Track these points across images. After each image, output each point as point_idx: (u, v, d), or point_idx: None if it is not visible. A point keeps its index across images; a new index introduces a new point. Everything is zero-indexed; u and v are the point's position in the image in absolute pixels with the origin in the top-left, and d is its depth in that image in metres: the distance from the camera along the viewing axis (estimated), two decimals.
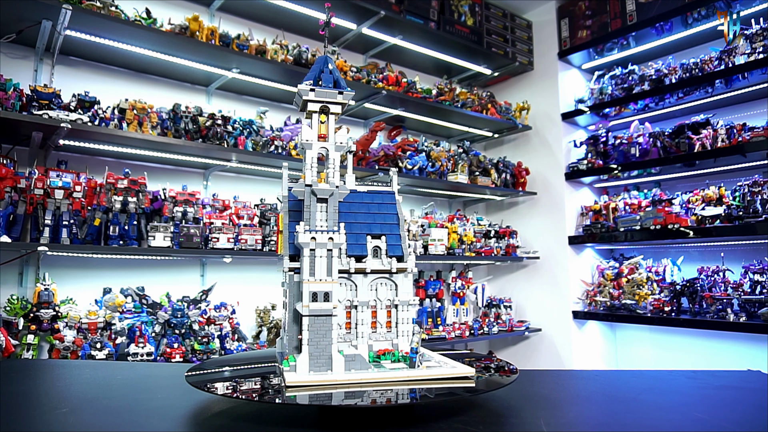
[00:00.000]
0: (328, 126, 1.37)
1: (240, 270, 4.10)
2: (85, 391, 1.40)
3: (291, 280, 1.33)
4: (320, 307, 1.23)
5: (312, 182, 1.32)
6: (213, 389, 1.13)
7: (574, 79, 5.59)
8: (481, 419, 1.07)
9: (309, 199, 1.32)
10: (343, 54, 4.58)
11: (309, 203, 1.32)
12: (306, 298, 1.23)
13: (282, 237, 1.41)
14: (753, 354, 4.15)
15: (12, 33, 3.16)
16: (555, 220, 5.31)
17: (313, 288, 1.24)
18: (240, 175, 4.24)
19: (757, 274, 3.94)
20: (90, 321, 3.08)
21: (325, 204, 1.33)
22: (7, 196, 2.87)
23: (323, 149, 1.36)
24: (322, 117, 1.37)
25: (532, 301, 5.44)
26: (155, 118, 3.42)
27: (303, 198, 1.33)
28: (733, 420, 1.13)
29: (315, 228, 1.30)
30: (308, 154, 1.33)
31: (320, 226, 1.31)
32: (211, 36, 3.61)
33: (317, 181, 1.33)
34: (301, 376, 1.16)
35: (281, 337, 1.41)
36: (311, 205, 1.32)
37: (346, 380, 1.17)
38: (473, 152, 5.29)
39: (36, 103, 2.97)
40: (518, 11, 5.69)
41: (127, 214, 3.24)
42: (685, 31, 4.66)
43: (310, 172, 1.32)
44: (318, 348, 1.21)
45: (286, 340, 1.33)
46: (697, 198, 4.37)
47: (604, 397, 1.35)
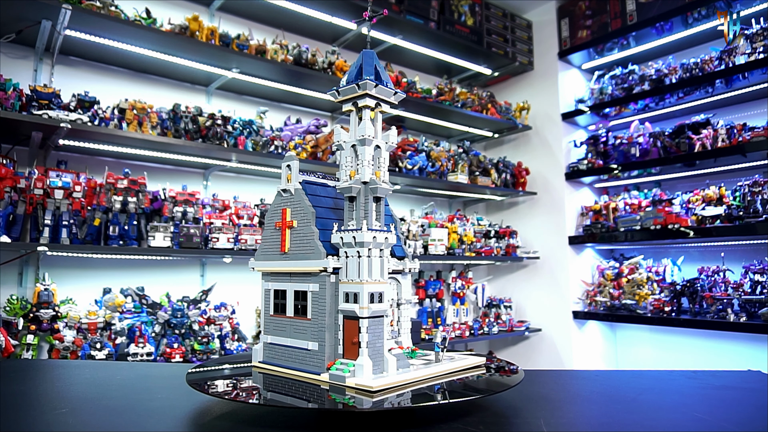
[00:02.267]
0: (376, 123, 1.35)
1: (240, 270, 4.10)
2: (85, 391, 1.39)
3: (328, 280, 1.26)
4: (378, 308, 1.22)
5: (371, 180, 1.28)
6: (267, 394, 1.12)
7: (574, 79, 5.59)
8: (481, 419, 1.07)
9: (365, 197, 1.28)
10: (343, 54, 4.58)
11: (365, 201, 1.28)
12: (365, 299, 1.20)
13: (292, 234, 1.33)
14: (753, 354, 4.15)
15: (12, 33, 3.15)
16: (555, 220, 5.31)
17: (371, 289, 1.21)
18: (240, 175, 4.24)
19: (758, 274, 3.94)
20: (90, 321, 3.08)
21: (379, 203, 1.32)
22: (7, 196, 2.87)
23: (353, 146, 1.33)
24: (372, 114, 1.34)
25: (532, 301, 5.44)
26: (155, 118, 3.42)
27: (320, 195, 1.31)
28: (733, 420, 1.13)
29: (373, 227, 1.26)
30: (367, 151, 1.29)
31: (376, 226, 1.28)
32: (211, 36, 3.61)
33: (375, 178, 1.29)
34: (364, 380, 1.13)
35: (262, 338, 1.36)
36: (368, 203, 1.28)
37: (415, 378, 1.19)
38: (473, 152, 5.29)
39: (36, 103, 2.97)
40: (518, 11, 5.69)
41: (127, 214, 3.24)
42: (686, 31, 4.66)
43: (369, 169, 1.28)
44: (374, 349, 1.20)
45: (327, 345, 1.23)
46: (697, 198, 4.37)
47: (604, 397, 1.35)
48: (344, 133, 1.36)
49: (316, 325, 1.25)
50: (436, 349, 1.35)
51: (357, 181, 1.29)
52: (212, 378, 1.29)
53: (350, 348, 1.21)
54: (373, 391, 1.08)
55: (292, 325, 1.31)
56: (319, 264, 1.25)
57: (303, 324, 1.28)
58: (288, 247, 1.33)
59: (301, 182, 1.35)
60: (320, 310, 1.25)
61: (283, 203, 1.38)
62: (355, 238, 1.23)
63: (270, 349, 1.36)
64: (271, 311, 1.38)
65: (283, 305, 1.35)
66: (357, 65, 1.36)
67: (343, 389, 1.12)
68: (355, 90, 1.32)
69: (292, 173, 1.37)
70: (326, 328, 1.23)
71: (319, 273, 1.25)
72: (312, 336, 1.25)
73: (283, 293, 1.35)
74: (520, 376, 1.23)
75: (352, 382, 1.13)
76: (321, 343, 1.23)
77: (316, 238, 1.27)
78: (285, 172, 1.38)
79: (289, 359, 1.30)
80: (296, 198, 1.34)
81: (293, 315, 1.32)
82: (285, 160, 1.38)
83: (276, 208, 1.39)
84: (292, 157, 1.37)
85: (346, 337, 1.23)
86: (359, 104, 1.33)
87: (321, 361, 1.22)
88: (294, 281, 1.33)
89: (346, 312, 1.23)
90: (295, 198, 1.35)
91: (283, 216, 1.36)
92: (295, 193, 1.35)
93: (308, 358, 1.25)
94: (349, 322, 1.22)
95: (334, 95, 1.36)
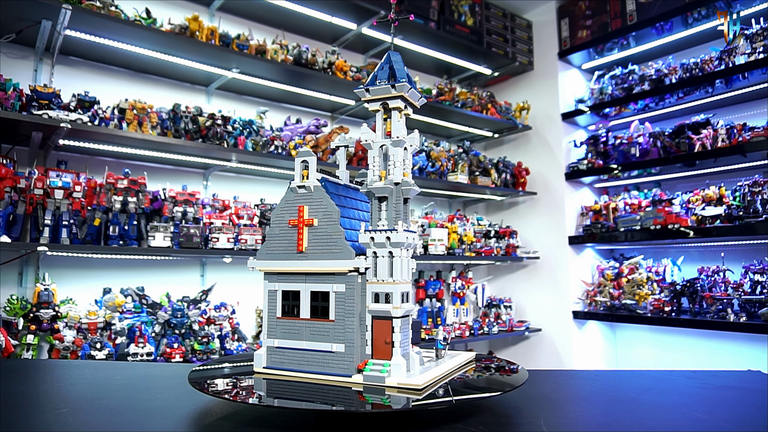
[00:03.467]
0: (391, 122, 1.34)
1: (240, 270, 4.09)
2: (85, 391, 1.39)
3: (356, 280, 1.24)
4: (408, 308, 1.23)
5: (403, 181, 1.29)
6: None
7: (574, 79, 5.59)
8: (481, 419, 1.07)
9: (397, 197, 1.28)
10: (343, 54, 4.58)
11: (397, 202, 1.28)
12: (397, 299, 1.20)
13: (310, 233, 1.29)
14: (753, 354, 4.15)
15: (12, 33, 3.15)
16: (555, 220, 5.31)
17: (402, 289, 1.22)
18: (240, 175, 4.24)
19: (758, 274, 3.94)
20: (90, 321, 3.08)
21: (407, 203, 1.33)
22: (7, 196, 2.86)
23: (383, 146, 1.32)
24: (399, 115, 1.33)
25: (532, 301, 5.44)
26: (155, 118, 3.42)
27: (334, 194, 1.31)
28: (733, 420, 1.13)
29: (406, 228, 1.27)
30: (399, 152, 1.28)
31: (405, 226, 1.28)
32: (211, 36, 3.61)
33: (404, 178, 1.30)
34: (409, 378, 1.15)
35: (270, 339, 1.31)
36: (398, 204, 1.29)
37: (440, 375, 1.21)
38: (473, 152, 5.29)
39: (36, 103, 2.97)
40: (518, 11, 5.69)
41: (127, 214, 3.23)
42: (685, 31, 4.66)
43: (400, 170, 1.28)
44: (404, 349, 1.21)
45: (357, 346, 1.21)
46: (697, 198, 4.37)
47: (604, 397, 1.35)
48: (372, 133, 1.34)
49: (342, 326, 1.22)
50: (439, 346, 1.36)
51: (390, 181, 1.29)
52: (213, 380, 1.28)
53: (381, 348, 1.21)
54: (419, 389, 1.10)
55: (309, 328, 1.26)
56: (348, 264, 1.22)
57: (324, 326, 1.24)
58: (305, 246, 1.29)
59: (320, 179, 1.31)
60: (347, 311, 1.22)
61: (298, 200, 1.31)
62: (390, 239, 1.23)
63: (278, 353, 1.29)
64: (278, 313, 1.32)
65: (296, 307, 1.29)
66: (386, 65, 1.35)
67: (381, 390, 1.12)
68: (389, 91, 1.31)
69: (309, 170, 1.31)
70: (354, 329, 1.21)
71: (347, 273, 1.23)
72: (336, 338, 1.22)
73: (295, 294, 1.30)
74: (525, 375, 1.23)
75: (394, 381, 1.13)
76: (349, 345, 1.21)
77: (344, 238, 1.25)
78: (300, 169, 1.32)
79: (306, 363, 1.25)
80: (316, 195, 1.30)
81: (310, 317, 1.27)
82: (300, 156, 1.32)
83: (289, 206, 1.32)
84: (308, 153, 1.32)
85: (375, 338, 1.22)
86: (390, 105, 1.33)
87: (349, 363, 1.20)
88: (310, 282, 1.28)
89: (378, 312, 1.22)
90: (315, 195, 1.30)
91: (300, 214, 1.30)
92: (314, 191, 1.30)
93: (332, 361, 1.22)
94: (379, 322, 1.22)
95: (363, 93, 1.33)
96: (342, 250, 1.24)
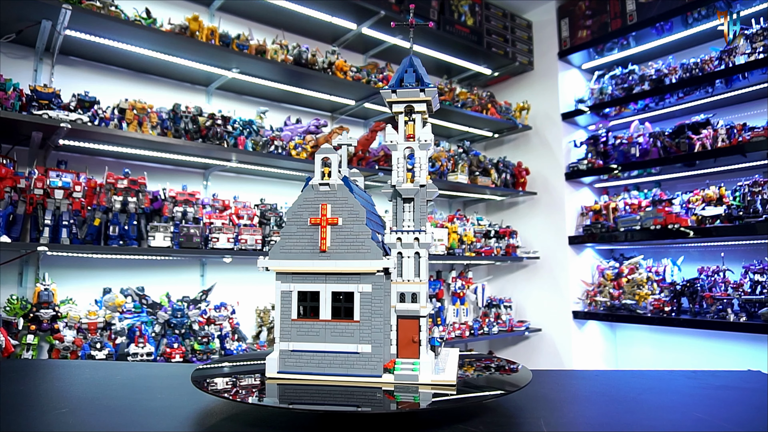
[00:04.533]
0: (415, 125, 1.35)
1: (240, 270, 4.10)
2: (85, 391, 1.39)
3: (383, 280, 1.24)
4: (430, 307, 1.27)
5: (427, 183, 1.32)
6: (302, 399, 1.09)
7: (574, 79, 5.59)
8: (481, 419, 1.07)
9: (421, 199, 1.32)
10: (343, 54, 4.58)
11: (422, 203, 1.32)
12: (424, 298, 1.24)
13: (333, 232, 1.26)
14: (753, 354, 4.15)
15: (12, 33, 3.16)
16: (555, 220, 5.31)
17: (426, 289, 1.26)
18: (240, 175, 4.24)
19: (758, 274, 3.94)
20: (90, 321, 3.08)
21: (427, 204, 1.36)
22: (7, 196, 2.87)
23: (408, 149, 1.34)
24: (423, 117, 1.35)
25: (532, 301, 5.44)
26: (155, 118, 3.42)
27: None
28: (733, 420, 1.12)
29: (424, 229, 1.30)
30: (425, 155, 1.33)
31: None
32: (211, 36, 3.61)
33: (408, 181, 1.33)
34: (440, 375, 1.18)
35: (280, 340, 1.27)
36: (424, 205, 1.33)
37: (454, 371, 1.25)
38: (473, 152, 5.29)
39: (36, 103, 2.97)
40: (518, 11, 5.69)
41: (127, 214, 3.23)
42: (685, 31, 4.65)
43: (425, 172, 1.33)
44: (427, 347, 1.25)
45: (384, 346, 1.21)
46: (697, 198, 4.37)
47: (604, 397, 1.35)
48: (396, 134, 1.36)
49: (368, 326, 1.22)
50: (435, 343, 1.37)
51: (417, 183, 1.31)
52: (226, 381, 1.28)
53: (407, 347, 1.23)
54: (454, 384, 1.15)
55: (331, 329, 1.24)
56: (378, 264, 1.22)
57: (348, 327, 1.23)
58: (328, 246, 1.26)
59: (342, 178, 1.29)
60: (374, 312, 1.22)
61: (319, 198, 1.28)
62: (419, 240, 1.26)
63: (293, 357, 1.24)
64: (294, 315, 1.26)
65: (314, 308, 1.25)
66: (410, 69, 1.36)
67: (414, 388, 1.14)
68: (417, 94, 1.33)
69: (332, 167, 1.28)
70: (381, 329, 1.22)
71: (374, 273, 1.23)
72: (362, 338, 1.21)
73: (314, 295, 1.26)
74: (529, 375, 1.23)
75: (426, 379, 1.16)
76: (375, 345, 1.20)
77: (371, 238, 1.24)
78: (320, 165, 1.28)
79: (327, 366, 1.22)
80: (340, 194, 1.27)
81: (331, 318, 1.24)
82: (321, 152, 1.29)
83: (308, 203, 1.28)
84: (330, 150, 1.30)
85: (401, 337, 1.24)
86: (416, 108, 1.34)
87: (376, 364, 1.19)
88: (332, 282, 1.25)
89: (405, 312, 1.24)
90: (338, 194, 1.27)
91: (323, 212, 1.27)
92: (338, 189, 1.28)
93: (358, 362, 1.21)
94: (405, 321, 1.24)
95: (388, 95, 1.34)
96: (370, 250, 1.23)
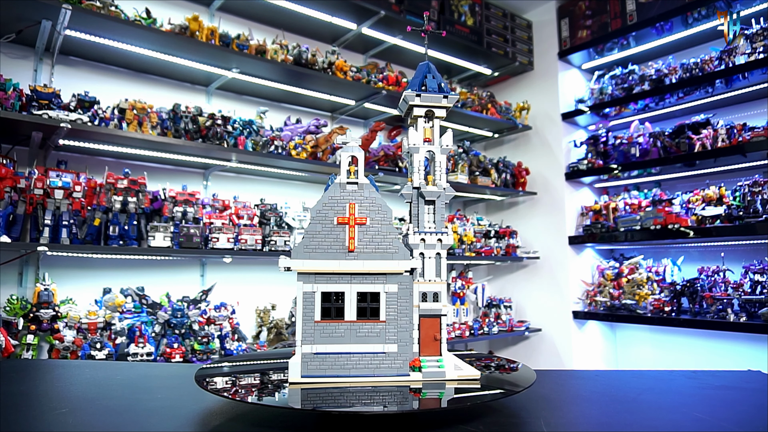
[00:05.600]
0: (434, 130, 1.39)
1: (240, 270, 4.10)
2: (85, 391, 1.39)
3: (409, 280, 1.26)
4: (451, 307, 1.32)
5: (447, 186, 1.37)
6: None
7: (574, 79, 5.59)
8: (481, 420, 1.07)
9: (442, 201, 1.36)
10: (343, 54, 4.58)
11: (442, 205, 1.36)
12: (444, 298, 1.28)
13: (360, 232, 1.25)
14: (753, 354, 4.15)
15: (12, 33, 3.15)
16: (555, 220, 5.31)
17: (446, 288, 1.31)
18: (240, 175, 4.24)
19: (758, 274, 3.94)
20: (90, 321, 3.08)
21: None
22: (7, 196, 2.87)
23: (429, 152, 1.37)
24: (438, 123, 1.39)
25: (532, 301, 5.44)
26: (155, 118, 3.42)
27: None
28: (733, 420, 1.13)
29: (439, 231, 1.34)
30: (444, 158, 1.36)
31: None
32: (211, 36, 3.61)
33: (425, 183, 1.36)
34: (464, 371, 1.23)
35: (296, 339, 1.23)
36: (443, 207, 1.37)
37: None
38: (473, 152, 5.29)
39: (36, 103, 2.97)
40: (518, 11, 5.69)
41: (127, 214, 3.23)
42: (685, 31, 4.65)
43: (445, 175, 1.38)
44: (446, 345, 1.28)
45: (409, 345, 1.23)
46: (697, 198, 4.37)
47: (604, 397, 1.35)
48: (418, 137, 1.38)
49: (395, 326, 1.23)
50: None
51: (439, 186, 1.34)
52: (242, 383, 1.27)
53: (430, 345, 1.25)
54: (479, 379, 1.20)
55: (356, 330, 1.23)
56: (406, 265, 1.25)
57: (374, 327, 1.23)
58: (356, 245, 1.25)
59: (368, 176, 1.30)
60: (400, 311, 1.24)
61: (346, 197, 1.26)
62: (441, 241, 1.29)
63: (316, 360, 1.20)
64: (317, 317, 1.22)
65: (338, 309, 1.23)
66: (430, 75, 1.42)
67: (442, 384, 1.17)
68: (440, 100, 1.37)
69: (358, 165, 1.27)
70: (407, 328, 1.24)
71: (401, 273, 1.25)
72: (389, 338, 1.23)
73: (338, 295, 1.24)
74: (533, 375, 1.24)
75: (452, 375, 1.21)
76: (402, 345, 1.22)
77: (399, 238, 1.27)
78: (346, 163, 1.27)
79: (352, 368, 1.20)
80: (366, 193, 1.27)
81: (356, 318, 1.23)
82: (346, 150, 1.28)
83: (334, 202, 1.26)
84: (356, 148, 1.29)
85: (423, 336, 1.25)
86: (436, 114, 1.38)
87: (403, 363, 1.21)
88: (357, 282, 1.24)
89: (428, 311, 1.26)
90: (365, 193, 1.27)
91: (350, 211, 1.26)
92: (364, 188, 1.27)
93: (384, 362, 1.21)
94: (426, 320, 1.26)
95: (412, 98, 1.36)
96: (399, 250, 1.26)
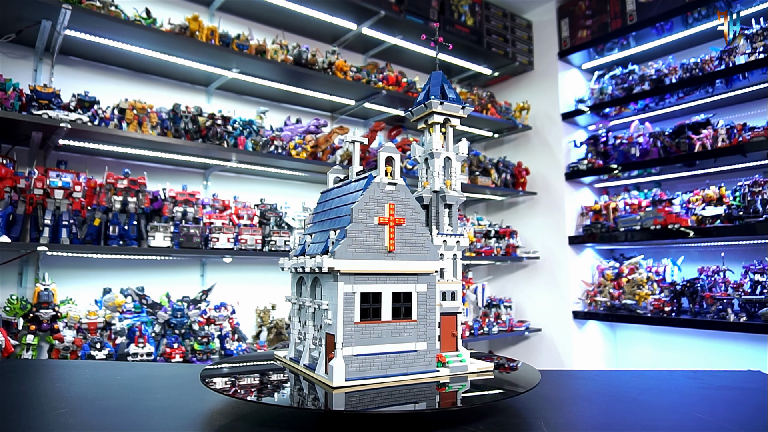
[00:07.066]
0: (447, 137, 1.48)
1: (240, 270, 4.10)
2: (85, 391, 1.39)
3: (435, 280, 1.31)
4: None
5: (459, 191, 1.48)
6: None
7: (574, 79, 5.59)
8: (481, 420, 1.07)
9: (458, 204, 1.45)
10: (343, 54, 4.58)
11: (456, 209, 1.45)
12: (460, 296, 1.36)
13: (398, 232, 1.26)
14: (753, 354, 4.15)
15: (12, 33, 3.15)
16: (555, 220, 5.31)
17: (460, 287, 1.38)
18: (240, 175, 4.24)
19: (758, 274, 3.94)
20: (90, 321, 3.08)
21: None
22: (7, 196, 2.87)
23: (447, 158, 1.47)
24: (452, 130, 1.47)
25: (532, 301, 5.43)
26: (155, 118, 3.42)
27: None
28: (733, 420, 1.13)
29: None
30: (459, 165, 1.47)
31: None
32: (211, 36, 3.61)
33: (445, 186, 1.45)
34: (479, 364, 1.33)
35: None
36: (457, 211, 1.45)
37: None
38: (473, 152, 5.29)
39: (36, 102, 2.97)
40: (518, 11, 5.69)
41: (127, 214, 3.23)
42: (686, 31, 4.65)
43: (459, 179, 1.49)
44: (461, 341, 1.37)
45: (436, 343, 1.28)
46: (697, 198, 4.37)
47: (604, 397, 1.35)
48: (440, 143, 1.46)
49: (424, 325, 1.28)
50: None
51: (457, 191, 1.43)
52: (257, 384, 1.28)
53: (448, 341, 1.32)
54: (493, 371, 1.31)
55: (391, 330, 1.23)
56: (436, 265, 1.30)
57: (407, 326, 1.25)
58: (393, 246, 1.25)
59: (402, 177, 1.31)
60: (429, 310, 1.29)
61: (385, 198, 1.26)
62: (459, 242, 1.38)
63: (357, 362, 1.18)
64: (357, 318, 1.20)
65: (376, 309, 1.22)
66: (447, 86, 1.47)
67: (464, 378, 1.24)
68: (458, 110, 1.47)
69: (395, 166, 1.27)
70: (434, 326, 1.30)
71: (431, 273, 1.30)
72: (419, 337, 1.26)
73: (376, 296, 1.23)
74: (537, 375, 1.26)
75: (474, 368, 1.28)
76: (430, 342, 1.28)
77: (430, 239, 1.33)
78: (384, 164, 1.27)
79: (388, 367, 1.21)
80: (403, 194, 1.28)
81: (391, 319, 1.23)
82: (385, 150, 1.28)
83: (375, 202, 1.25)
84: (393, 149, 1.29)
85: (443, 332, 1.32)
86: (452, 122, 1.48)
87: (431, 360, 1.26)
88: (392, 282, 1.24)
89: (448, 309, 1.34)
90: (401, 194, 1.28)
91: (390, 212, 1.26)
92: (401, 189, 1.29)
93: (415, 360, 1.24)
94: (446, 318, 1.33)
95: (434, 105, 1.42)
96: (430, 251, 1.30)
